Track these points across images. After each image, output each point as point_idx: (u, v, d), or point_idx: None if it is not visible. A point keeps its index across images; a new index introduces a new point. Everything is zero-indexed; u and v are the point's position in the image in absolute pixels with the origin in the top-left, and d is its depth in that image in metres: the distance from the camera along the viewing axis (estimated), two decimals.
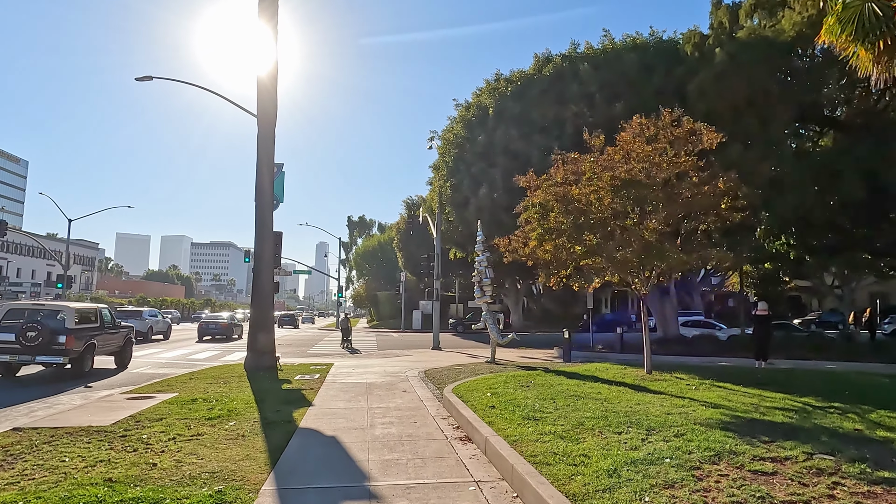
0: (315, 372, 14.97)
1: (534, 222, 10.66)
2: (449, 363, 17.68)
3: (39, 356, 13.37)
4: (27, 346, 13.21)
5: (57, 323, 14.12)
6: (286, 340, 33.06)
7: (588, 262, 10.40)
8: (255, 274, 15.94)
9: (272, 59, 16.41)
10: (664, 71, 21.73)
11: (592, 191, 9.93)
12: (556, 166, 11.34)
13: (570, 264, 10.94)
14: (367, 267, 77.95)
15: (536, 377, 11.18)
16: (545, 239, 10.52)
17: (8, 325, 13.69)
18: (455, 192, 23.29)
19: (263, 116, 16.24)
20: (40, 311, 14.80)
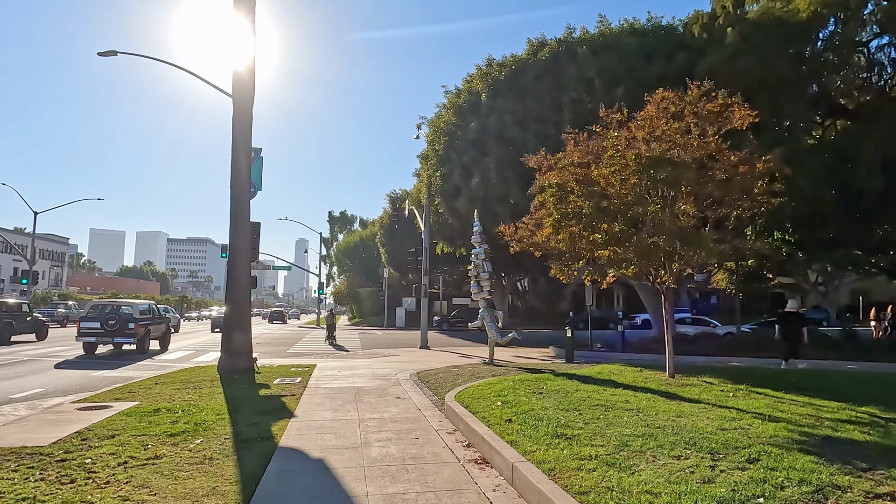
0: (296, 375, 13.62)
1: (549, 206, 9.46)
2: (441, 364, 16.44)
3: (116, 338, 18.90)
4: (108, 331, 18.71)
5: (127, 314, 19.52)
6: (265, 339, 31.52)
7: (608, 252, 9.24)
8: (229, 267, 14.52)
9: (248, 32, 14.97)
10: (665, 56, 20.72)
11: (615, 170, 8.75)
12: (569, 146, 10.14)
13: (585, 255, 9.77)
14: (349, 263, 76.27)
15: (547, 382, 10.00)
16: (562, 226, 9.33)
17: (93, 316, 19.28)
18: (445, 182, 22.04)
19: (240, 94, 14.81)
20: (115, 306, 20.24)
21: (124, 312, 19.55)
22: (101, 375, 14.69)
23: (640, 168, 8.48)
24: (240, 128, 14.83)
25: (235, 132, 14.83)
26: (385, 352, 21.82)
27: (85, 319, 19.35)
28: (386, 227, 51.04)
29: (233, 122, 14.88)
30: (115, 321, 18.77)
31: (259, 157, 17.46)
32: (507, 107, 20.54)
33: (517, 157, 20.66)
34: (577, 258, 9.96)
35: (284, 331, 43.40)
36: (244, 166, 14.84)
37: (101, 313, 19.45)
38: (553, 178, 9.37)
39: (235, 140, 14.83)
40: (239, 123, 14.81)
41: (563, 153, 10.04)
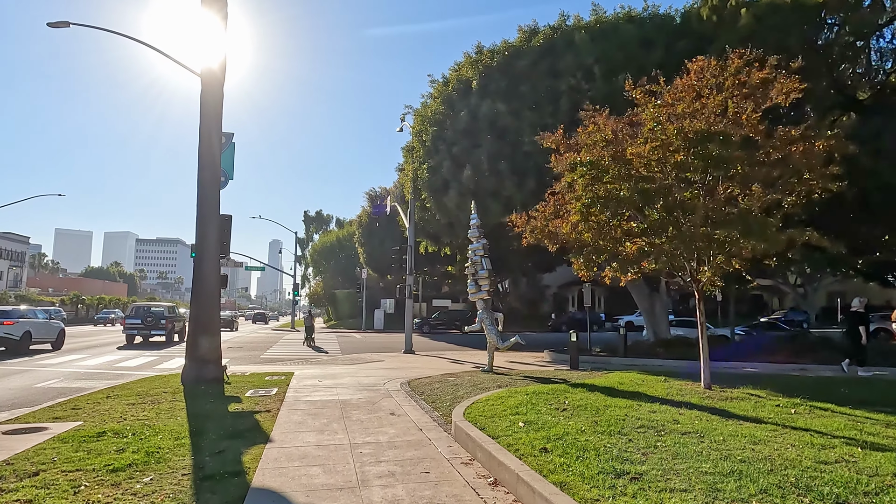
0: (272, 385, 12.05)
1: (578, 188, 8.09)
2: (432, 371, 15.00)
3: (153, 331, 25.56)
4: (147, 326, 25.34)
5: (160, 313, 25.95)
6: (236, 343, 29.64)
7: (643, 243, 7.94)
8: (196, 263, 12.88)
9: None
10: (664, 45, 19.67)
11: (655, 147, 7.44)
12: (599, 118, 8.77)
13: (611, 247, 8.46)
14: (325, 264, 74.18)
15: (566, 395, 8.66)
16: (591, 212, 7.97)
17: (135, 315, 25.89)
18: (433, 174, 20.60)
19: (209, 69, 13.20)
20: (149, 307, 26.63)
21: (156, 312, 26.22)
22: (46, 387, 12.91)
23: (685, 144, 7.20)
24: (209, 107, 13.22)
25: (204, 112, 13.22)
26: (367, 357, 20.29)
27: (129, 317, 26.40)
28: (365, 226, 49.36)
29: (201, 100, 13.26)
30: (151, 318, 25.56)
31: (231, 143, 15.84)
32: (500, 95, 19.22)
33: (511, 149, 19.43)
34: (600, 251, 8.62)
35: (258, 334, 41.43)
36: (214, 150, 13.23)
37: (139, 313, 26.18)
38: (584, 156, 7.99)
39: (204, 121, 13.22)
40: (208, 102, 13.21)
41: (593, 126, 8.69)
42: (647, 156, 7.51)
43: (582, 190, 7.94)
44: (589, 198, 7.84)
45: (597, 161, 7.79)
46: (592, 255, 8.67)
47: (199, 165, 13.19)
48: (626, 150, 7.74)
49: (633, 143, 7.85)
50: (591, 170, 7.76)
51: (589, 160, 7.81)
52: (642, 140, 7.63)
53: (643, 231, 7.79)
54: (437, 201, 20.63)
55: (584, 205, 7.90)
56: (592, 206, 7.86)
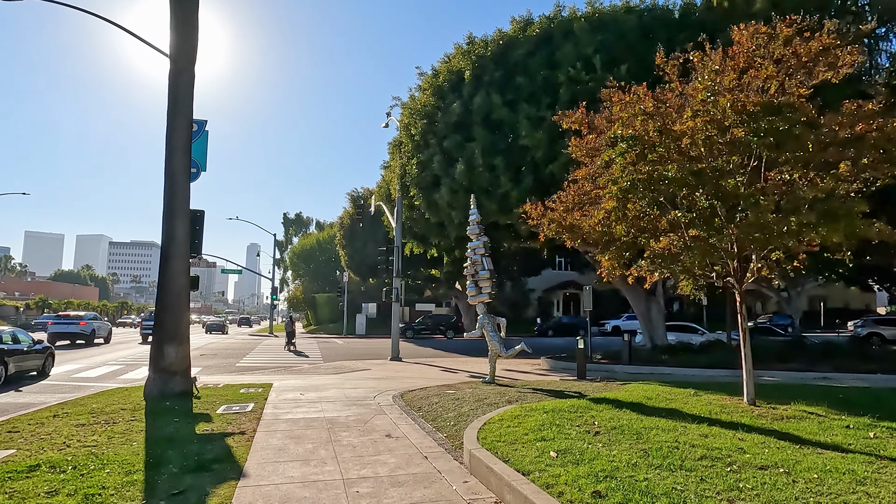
0: (248, 399, 10.70)
1: (615, 170, 6.89)
2: (425, 381, 13.75)
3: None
4: None
5: None
6: (210, 350, 27.97)
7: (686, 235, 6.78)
8: (162, 262, 11.48)
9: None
10: (665, 38, 18.74)
11: (708, 122, 6.29)
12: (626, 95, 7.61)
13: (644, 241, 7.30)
14: (305, 267, 72.32)
15: (590, 412, 7.49)
16: (629, 199, 6.78)
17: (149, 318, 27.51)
18: (423, 170, 19.37)
19: (179, 50, 11.83)
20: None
21: None
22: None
23: (742, 120, 6.08)
24: (180, 90, 11.86)
25: (174, 95, 11.86)
26: (352, 365, 18.93)
27: (145, 320, 31.73)
28: (346, 227, 47.85)
29: (170, 83, 11.90)
30: None
31: (203, 131, 14.44)
32: (495, 86, 18.10)
33: (506, 143, 18.31)
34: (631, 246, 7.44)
35: (233, 340, 39.68)
36: (183, 137, 11.86)
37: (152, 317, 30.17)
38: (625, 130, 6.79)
39: (173, 105, 11.86)
40: (178, 85, 11.84)
41: (629, 97, 7.53)
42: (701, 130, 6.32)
43: (620, 171, 6.76)
44: (628, 181, 6.66)
45: (641, 136, 6.61)
46: (624, 251, 7.52)
47: (168, 153, 11.82)
48: (673, 125, 6.59)
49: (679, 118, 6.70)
50: (634, 146, 6.58)
51: (631, 134, 6.64)
52: (690, 114, 6.49)
53: (691, 221, 6.63)
54: (427, 199, 19.41)
55: (622, 189, 6.72)
56: (632, 190, 6.69)
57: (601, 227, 7.58)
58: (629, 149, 6.60)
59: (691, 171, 6.35)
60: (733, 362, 14.99)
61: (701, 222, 6.53)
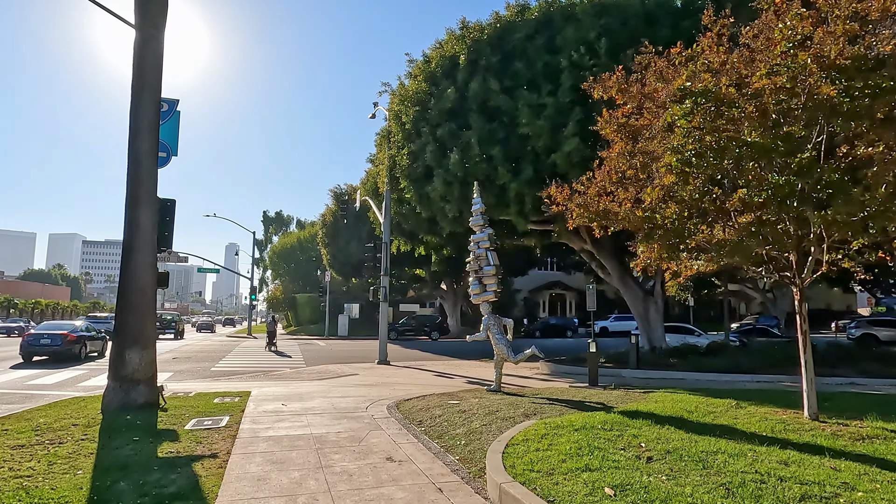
0: (223, 410, 9.39)
1: (676, 136, 5.69)
2: (421, 388, 12.55)
3: (163, 331, 38.23)
4: (161, 327, 37.26)
5: (169, 320, 40.17)
6: (185, 352, 26.35)
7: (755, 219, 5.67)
8: (124, 256, 10.10)
9: None
10: (669, 24, 17.82)
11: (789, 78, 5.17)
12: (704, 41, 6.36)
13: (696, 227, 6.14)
14: (285, 266, 70.50)
15: (628, 430, 6.36)
16: (691, 172, 5.61)
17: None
18: (414, 160, 18.13)
19: (144, 12, 10.47)
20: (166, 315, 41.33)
21: (166, 319, 40.32)
22: None
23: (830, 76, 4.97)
24: (146, 61, 10.51)
25: (138, 65, 10.50)
26: (337, 369, 17.63)
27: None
28: (329, 225, 46.34)
29: (134, 51, 10.54)
30: (163, 323, 38.91)
31: (175, 111, 13.05)
32: (492, 71, 16.95)
33: (505, 131, 17.12)
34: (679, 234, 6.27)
35: (210, 341, 37.95)
36: (149, 113, 10.51)
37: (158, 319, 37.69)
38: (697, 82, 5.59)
39: (138, 77, 10.50)
40: (145, 56, 10.49)
41: (693, 50, 6.37)
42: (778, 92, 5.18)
43: (682, 137, 5.58)
44: (693, 149, 5.47)
45: (717, 91, 5.45)
46: (672, 239, 6.37)
47: (131, 133, 10.45)
48: (751, 80, 5.44)
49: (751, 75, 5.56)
50: (707, 102, 5.41)
51: (702, 88, 5.44)
52: (764, 70, 5.36)
53: (766, 201, 5.48)
54: (419, 191, 18.18)
55: (683, 161, 5.54)
56: (698, 161, 5.49)
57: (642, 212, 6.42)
58: (696, 107, 5.42)
59: (779, 136, 5.19)
60: (749, 366, 14.05)
61: (777, 202, 5.41)
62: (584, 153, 15.41)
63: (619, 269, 23.07)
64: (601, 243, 22.47)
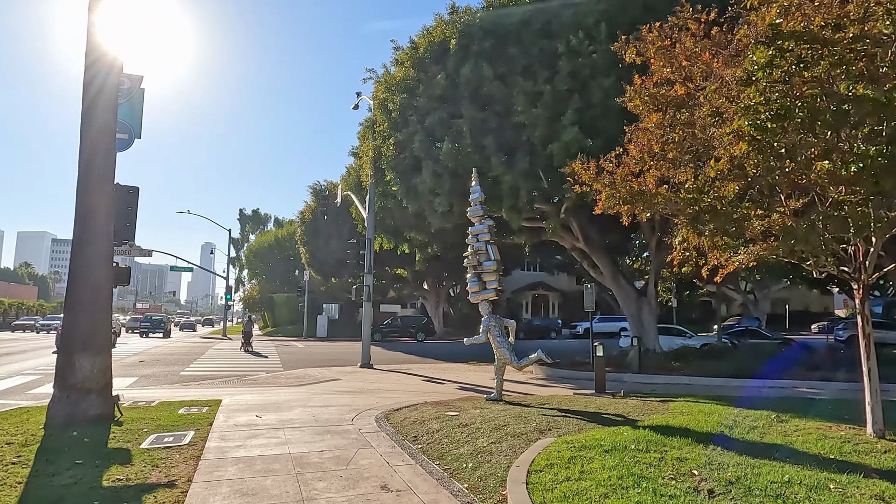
0: (188, 424, 8.21)
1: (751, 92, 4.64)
2: (410, 395, 11.49)
3: (153, 330, 44.09)
4: (152, 326, 44.27)
5: (159, 320, 45.94)
6: (153, 354, 24.82)
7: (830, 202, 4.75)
8: (75, 248, 8.85)
9: None
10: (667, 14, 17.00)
11: None
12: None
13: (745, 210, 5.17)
14: (262, 266, 68.60)
15: (670, 452, 5.39)
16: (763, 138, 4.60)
17: (145, 320, 46.10)
18: (401, 151, 17.02)
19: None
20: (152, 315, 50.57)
21: (156, 319, 46.11)
22: None
23: None
24: (95, 26, 9.26)
25: (90, 31, 9.26)
26: (317, 373, 16.45)
27: (143, 321, 45.49)
28: (308, 223, 44.90)
29: (90, 19, 9.30)
30: (151, 323, 44.66)
31: (139, 88, 11.78)
32: (485, 56, 15.94)
33: (498, 120, 16.07)
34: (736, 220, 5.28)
35: (182, 343, 36.30)
36: (107, 89, 9.28)
37: (148, 320, 45.55)
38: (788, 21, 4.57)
39: (94, 46, 9.26)
40: (94, 20, 9.24)
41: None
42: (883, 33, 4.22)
43: (760, 94, 4.53)
44: (777, 107, 4.45)
45: (812, 33, 4.43)
46: (729, 224, 5.36)
47: (84, 110, 9.20)
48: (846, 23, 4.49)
49: None
50: (798, 45, 4.39)
51: (792, 30, 4.41)
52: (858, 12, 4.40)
53: (857, 175, 4.51)
54: (406, 184, 17.08)
55: (757, 126, 4.50)
56: (780, 123, 4.48)
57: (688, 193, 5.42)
58: (782, 55, 4.38)
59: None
60: (758, 371, 13.26)
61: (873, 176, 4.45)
62: (584, 144, 14.50)
63: (612, 269, 22.26)
64: (593, 241, 21.65)
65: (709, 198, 5.32)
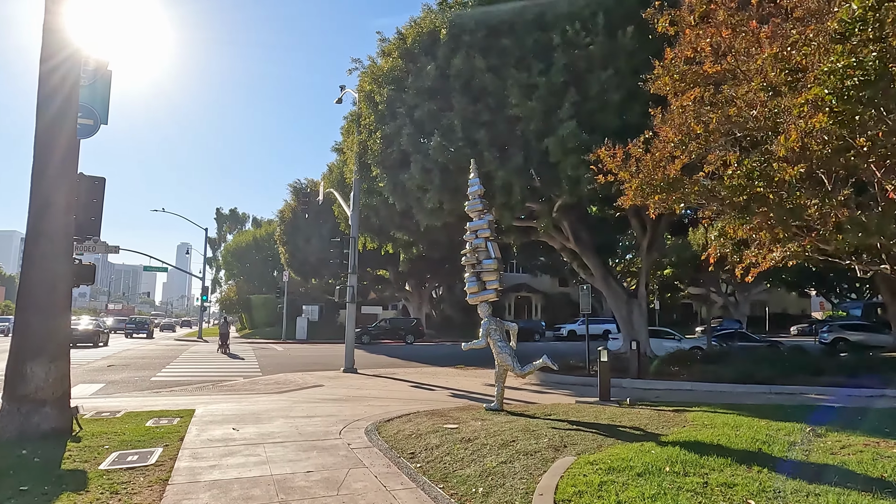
0: (155, 440, 7.33)
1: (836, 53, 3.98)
2: (401, 403, 10.71)
3: (138, 331, 46.22)
4: (136, 328, 46.88)
5: (142, 321, 50.82)
6: (124, 358, 23.58)
7: None
8: (29, 243, 7.91)
9: None
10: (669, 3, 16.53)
11: None
12: None
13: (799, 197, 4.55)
14: (239, 266, 67.02)
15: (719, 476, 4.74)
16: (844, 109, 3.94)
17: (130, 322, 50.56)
18: (388, 146, 16.24)
19: None
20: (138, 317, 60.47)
21: (140, 320, 50.60)
22: None
23: None
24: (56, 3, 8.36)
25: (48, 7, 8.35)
26: (298, 379, 15.55)
27: (128, 323, 49.03)
28: (288, 222, 43.74)
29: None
30: (136, 325, 47.40)
31: (104, 73, 10.81)
32: (477, 47, 15.25)
33: (491, 114, 15.30)
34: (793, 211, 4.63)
35: (155, 346, 34.90)
36: (67, 67, 8.38)
37: (133, 321, 49.78)
38: None
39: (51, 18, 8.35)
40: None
41: None
42: None
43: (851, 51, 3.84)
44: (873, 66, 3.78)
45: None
46: (787, 216, 4.73)
47: (41, 91, 8.29)
48: None
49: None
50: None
51: None
52: None
53: None
54: (393, 180, 16.29)
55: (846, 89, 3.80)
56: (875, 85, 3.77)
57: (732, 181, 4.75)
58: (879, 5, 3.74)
59: None
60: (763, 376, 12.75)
61: None
62: (581, 139, 13.90)
63: (602, 270, 21.76)
64: (584, 241, 21.10)
65: (759, 185, 4.68)
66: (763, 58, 4.39)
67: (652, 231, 20.82)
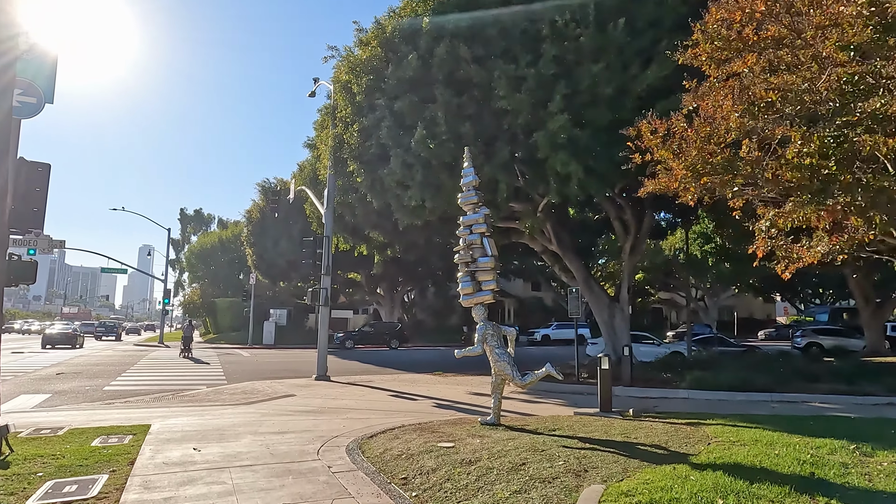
0: (100, 464, 6.25)
1: None
2: (383, 416, 9.78)
3: (107, 334, 51.65)
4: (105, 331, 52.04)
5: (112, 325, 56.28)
6: (76, 365, 21.92)
7: None
8: None
9: None
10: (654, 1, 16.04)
11: None
12: None
13: None
14: (204, 268, 64.71)
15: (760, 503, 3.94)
16: None
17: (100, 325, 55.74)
18: (366, 139, 15.27)
19: None
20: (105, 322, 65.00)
21: (108, 324, 55.13)
22: None
23: None
24: None
25: None
26: (267, 388, 14.43)
27: (97, 326, 53.65)
28: (256, 223, 42.19)
29: None
30: (106, 328, 52.17)
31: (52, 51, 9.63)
32: (462, 36, 14.46)
33: (476, 107, 14.53)
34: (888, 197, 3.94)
35: (112, 351, 33.00)
36: None
37: (103, 325, 54.01)
38: None
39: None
40: None
41: None
42: None
43: None
44: None
45: None
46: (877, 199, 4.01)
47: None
48: None
49: None
50: None
51: None
52: None
53: None
54: (371, 176, 15.34)
55: None
56: None
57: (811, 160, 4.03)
58: None
59: None
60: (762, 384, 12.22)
61: None
62: (572, 133, 13.22)
63: (584, 272, 21.17)
64: (566, 244, 20.50)
65: (833, 165, 3.98)
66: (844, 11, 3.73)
67: (635, 234, 20.34)
